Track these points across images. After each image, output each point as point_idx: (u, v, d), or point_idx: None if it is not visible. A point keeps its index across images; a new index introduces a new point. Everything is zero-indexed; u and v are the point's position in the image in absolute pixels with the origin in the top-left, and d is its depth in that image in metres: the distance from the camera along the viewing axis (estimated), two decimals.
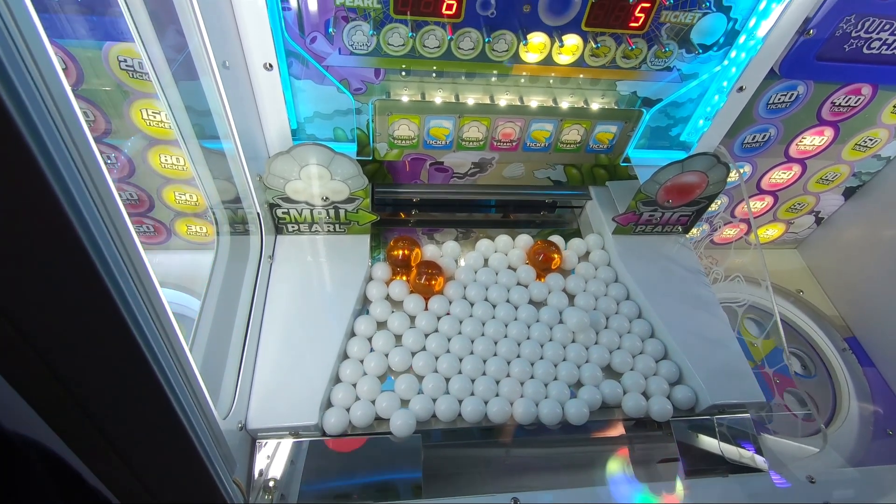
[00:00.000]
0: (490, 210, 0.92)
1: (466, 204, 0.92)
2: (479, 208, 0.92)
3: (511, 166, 0.87)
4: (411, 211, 0.89)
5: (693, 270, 0.85)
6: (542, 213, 0.93)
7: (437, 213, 0.91)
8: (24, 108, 0.20)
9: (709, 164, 0.74)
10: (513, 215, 0.94)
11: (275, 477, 0.61)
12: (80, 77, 0.64)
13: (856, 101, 0.84)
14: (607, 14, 0.66)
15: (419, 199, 0.89)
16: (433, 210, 0.91)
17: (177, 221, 0.87)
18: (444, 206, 0.91)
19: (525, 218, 0.94)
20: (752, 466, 0.70)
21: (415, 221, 0.92)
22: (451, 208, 0.92)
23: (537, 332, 0.75)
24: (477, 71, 0.71)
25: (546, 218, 0.92)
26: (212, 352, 0.58)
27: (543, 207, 0.93)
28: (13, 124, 0.20)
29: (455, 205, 0.92)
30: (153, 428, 0.34)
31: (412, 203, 0.89)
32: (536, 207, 0.93)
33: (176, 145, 0.73)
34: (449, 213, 0.92)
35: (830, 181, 1.01)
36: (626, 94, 0.77)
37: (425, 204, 0.89)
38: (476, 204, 0.92)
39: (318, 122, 0.75)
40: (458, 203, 0.91)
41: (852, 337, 1.03)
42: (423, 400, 0.66)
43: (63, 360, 0.28)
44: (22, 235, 0.23)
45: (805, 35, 0.68)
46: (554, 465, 0.69)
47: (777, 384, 0.89)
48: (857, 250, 1.05)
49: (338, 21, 0.63)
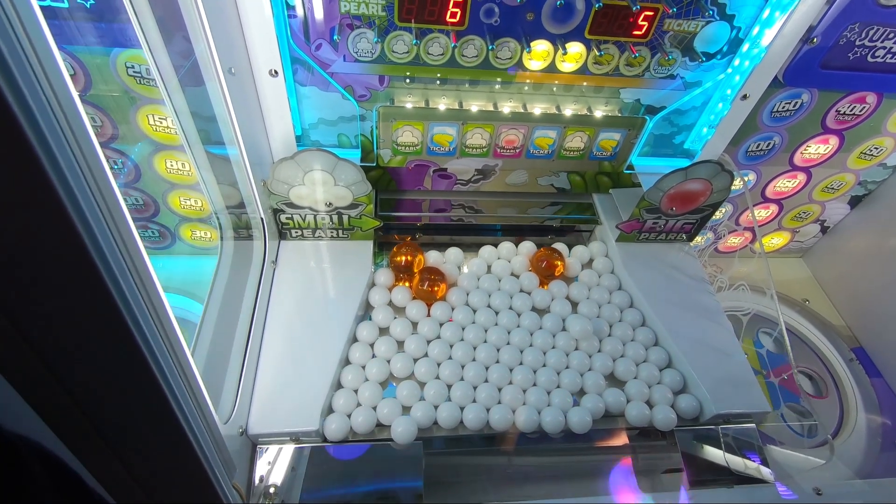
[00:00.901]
0: (496, 234, 0.91)
1: (470, 228, 0.90)
2: (484, 232, 0.89)
3: (514, 173, 0.87)
4: (415, 235, 0.88)
5: (697, 278, 0.84)
6: (549, 237, 0.91)
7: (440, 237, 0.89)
8: (29, 112, 0.21)
9: (713, 171, 0.74)
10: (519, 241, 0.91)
11: (275, 483, 0.61)
12: (89, 83, 0.65)
13: (861, 110, 0.83)
14: (610, 22, 0.66)
15: (423, 224, 0.87)
16: (436, 234, 0.88)
17: (182, 226, 0.88)
18: (447, 230, 0.89)
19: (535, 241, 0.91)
20: (757, 477, 0.69)
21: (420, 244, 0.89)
22: (455, 231, 0.90)
23: (540, 340, 0.74)
24: (480, 78, 0.71)
25: (555, 240, 0.91)
26: (214, 356, 0.58)
27: (551, 232, 0.91)
28: (19, 128, 0.20)
29: (459, 229, 0.90)
30: (153, 431, 0.34)
31: (416, 227, 0.87)
32: (544, 232, 0.91)
33: (182, 151, 0.74)
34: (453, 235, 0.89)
35: (836, 190, 1.01)
36: (630, 101, 0.77)
37: (429, 228, 0.88)
38: (481, 228, 0.90)
39: (322, 128, 0.75)
40: (462, 228, 0.89)
41: (859, 347, 1.02)
42: (424, 407, 0.66)
43: (64, 363, 0.28)
44: (25, 238, 0.23)
45: (809, 43, 0.68)
46: (556, 473, 0.69)
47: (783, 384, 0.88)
48: (864, 259, 1.04)
49: (343, 28, 0.64)
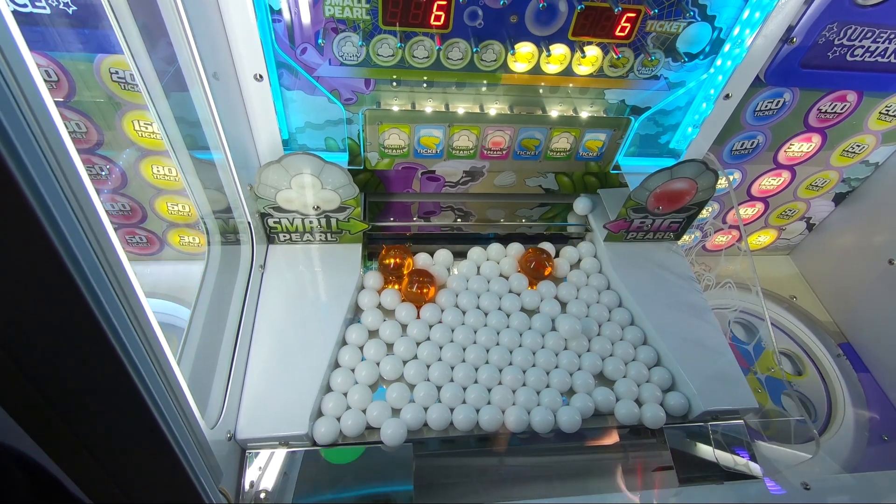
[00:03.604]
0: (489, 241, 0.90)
1: (463, 237, 0.89)
2: (478, 241, 0.88)
3: (502, 175, 0.87)
4: (406, 243, 0.86)
5: (685, 277, 0.85)
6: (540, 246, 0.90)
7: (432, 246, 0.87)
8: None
9: (697, 170, 0.75)
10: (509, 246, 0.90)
11: (266, 488, 0.61)
12: (73, 89, 0.65)
13: (842, 108, 0.85)
14: (593, 24, 0.67)
15: (412, 234, 0.87)
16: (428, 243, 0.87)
17: (169, 232, 0.87)
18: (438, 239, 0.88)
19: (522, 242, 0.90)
20: (746, 473, 0.69)
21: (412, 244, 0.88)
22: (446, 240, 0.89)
23: (529, 340, 0.75)
24: (466, 80, 0.72)
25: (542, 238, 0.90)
26: (201, 361, 0.58)
27: (543, 239, 0.90)
28: None
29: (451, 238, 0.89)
30: (134, 436, 0.34)
31: (406, 237, 0.87)
32: (535, 240, 0.90)
33: (167, 156, 0.74)
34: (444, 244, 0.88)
35: (820, 187, 1.02)
36: (615, 102, 0.78)
37: (420, 238, 0.87)
38: (473, 238, 0.89)
39: (309, 132, 0.75)
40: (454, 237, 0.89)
41: (846, 343, 1.03)
42: (414, 408, 0.66)
43: (42, 370, 0.28)
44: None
45: (789, 43, 0.69)
46: (547, 473, 0.69)
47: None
48: (850, 256, 1.05)
49: (327, 32, 0.64)
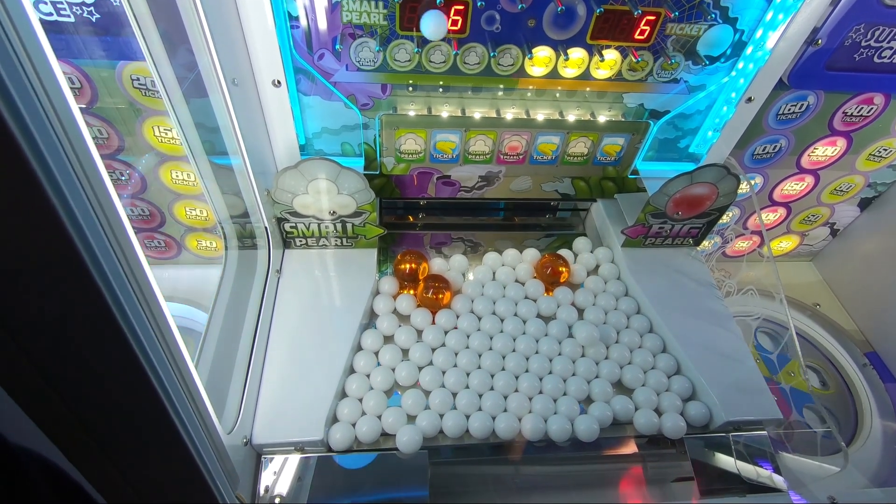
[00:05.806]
0: (498, 213, 0.93)
1: (472, 206, 0.93)
2: (487, 211, 0.93)
3: (518, 179, 0.86)
4: (419, 214, 0.90)
5: (705, 283, 0.83)
6: (546, 216, 0.93)
7: (445, 217, 0.93)
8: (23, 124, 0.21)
9: (718, 175, 0.73)
10: (518, 218, 0.94)
11: (281, 493, 0.61)
12: (95, 96, 0.66)
13: (868, 111, 0.83)
14: (612, 27, 0.66)
15: (426, 203, 0.91)
16: (441, 213, 0.92)
17: (187, 236, 0.88)
18: (451, 210, 0.93)
19: (531, 221, 0.95)
20: (770, 486, 0.67)
21: (422, 225, 0.93)
22: (457, 211, 0.94)
23: (546, 347, 0.74)
24: (483, 85, 0.71)
25: (552, 221, 0.92)
26: (218, 366, 0.58)
27: (548, 210, 0.94)
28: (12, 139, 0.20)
29: (461, 207, 0.93)
30: (153, 441, 0.34)
31: (419, 206, 0.91)
32: (541, 210, 0.94)
33: (186, 161, 0.74)
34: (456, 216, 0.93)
35: (845, 192, 0.99)
36: (633, 106, 0.77)
37: (432, 207, 0.91)
38: (483, 207, 0.93)
39: (325, 137, 0.76)
40: (464, 206, 0.93)
41: (872, 352, 1.00)
42: (429, 415, 0.65)
43: (62, 374, 0.28)
44: (21, 250, 0.23)
45: (814, 45, 0.67)
46: (564, 483, 0.68)
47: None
48: (875, 262, 1.02)
49: (345, 38, 0.64)
